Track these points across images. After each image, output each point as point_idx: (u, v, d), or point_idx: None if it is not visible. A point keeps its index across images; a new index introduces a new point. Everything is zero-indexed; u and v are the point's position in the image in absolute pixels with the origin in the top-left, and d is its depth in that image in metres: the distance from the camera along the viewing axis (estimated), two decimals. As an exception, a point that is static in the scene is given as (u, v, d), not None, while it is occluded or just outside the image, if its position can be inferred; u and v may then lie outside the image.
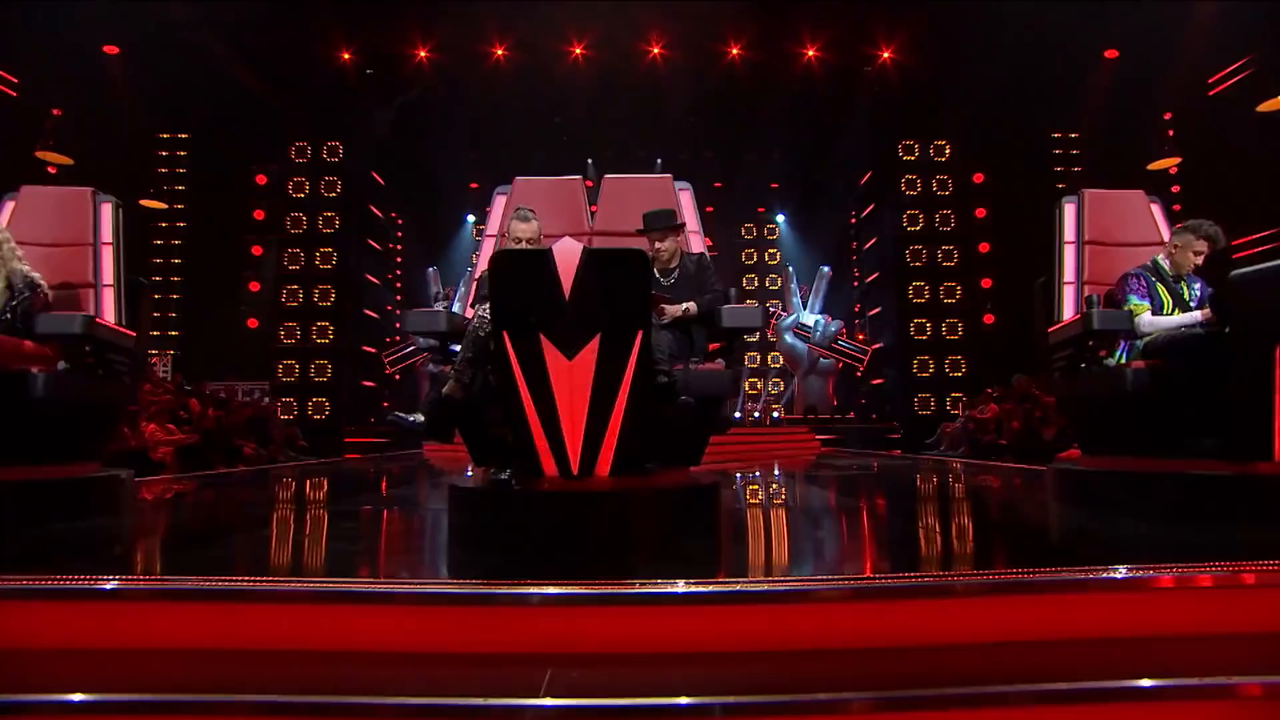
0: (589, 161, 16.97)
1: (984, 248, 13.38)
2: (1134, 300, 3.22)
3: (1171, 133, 11.18)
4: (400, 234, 17.62)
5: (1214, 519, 2.61)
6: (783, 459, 9.04)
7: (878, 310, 14.27)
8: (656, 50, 11.65)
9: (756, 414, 15.08)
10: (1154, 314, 3.19)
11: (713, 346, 3.15)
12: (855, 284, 15.35)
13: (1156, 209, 3.76)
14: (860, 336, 14.93)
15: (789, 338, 14.70)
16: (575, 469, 2.43)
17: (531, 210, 3.19)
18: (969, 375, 12.79)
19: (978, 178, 13.50)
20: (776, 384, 17.08)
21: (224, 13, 11.87)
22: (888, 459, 8.13)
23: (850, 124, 13.41)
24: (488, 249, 3.39)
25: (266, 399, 12.71)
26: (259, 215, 13.76)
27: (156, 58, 11.91)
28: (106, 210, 3.54)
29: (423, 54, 12.04)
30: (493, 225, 3.53)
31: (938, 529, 3.02)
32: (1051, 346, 3.57)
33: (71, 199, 3.54)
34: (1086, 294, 3.48)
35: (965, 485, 4.75)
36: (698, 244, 3.34)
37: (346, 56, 12.14)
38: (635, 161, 16.20)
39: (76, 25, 10.60)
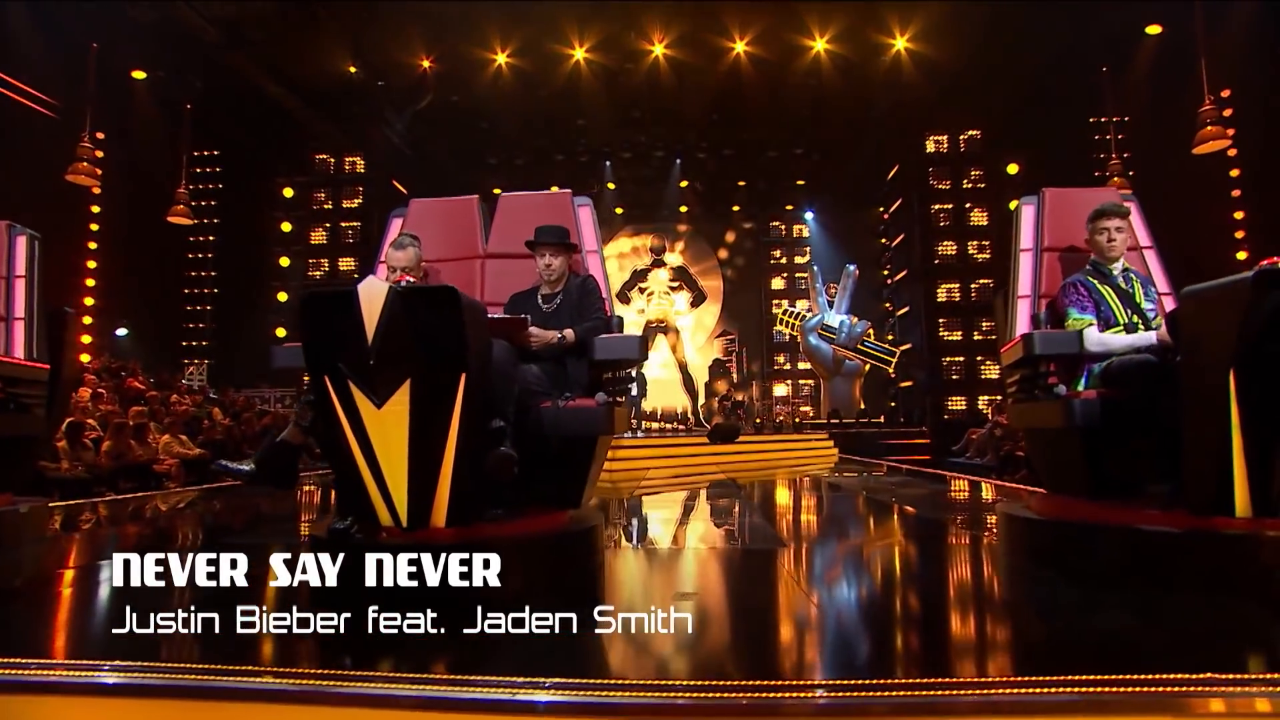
0: (606, 164, 16.92)
1: (1020, 241, 12.54)
2: (1074, 314, 2.78)
3: (1230, 111, 10.21)
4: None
5: (1166, 588, 2.19)
6: (789, 471, 8.63)
7: (906, 309, 13.61)
8: (664, 51, 11.34)
9: (780, 419, 14.62)
10: (1104, 327, 2.77)
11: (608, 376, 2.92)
12: (888, 282, 14.71)
13: (1132, 208, 3.29)
14: (890, 337, 14.28)
15: (814, 339, 14.16)
16: (404, 520, 2.25)
17: (413, 236, 3.02)
18: (1004, 376, 12.04)
19: (1013, 167, 12.67)
20: (805, 386, 16.57)
21: (253, 32, 12.26)
22: (903, 474, 7.63)
23: (875, 116, 12.81)
24: (381, 275, 3.24)
25: (295, 406, 13.07)
26: (286, 227, 14.19)
27: (185, 79, 12.42)
28: (21, 243, 3.55)
29: (427, 63, 12.08)
30: (386, 251, 3.37)
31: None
32: (1005, 369, 3.18)
33: (-18, 233, 3.58)
34: (1043, 308, 3.08)
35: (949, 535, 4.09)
36: (595, 265, 3.09)
37: (354, 69, 12.28)
38: (652, 162, 16.03)
39: (109, 49, 11.09)
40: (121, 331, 13.12)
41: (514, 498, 2.56)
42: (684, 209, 17.94)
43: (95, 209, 12.88)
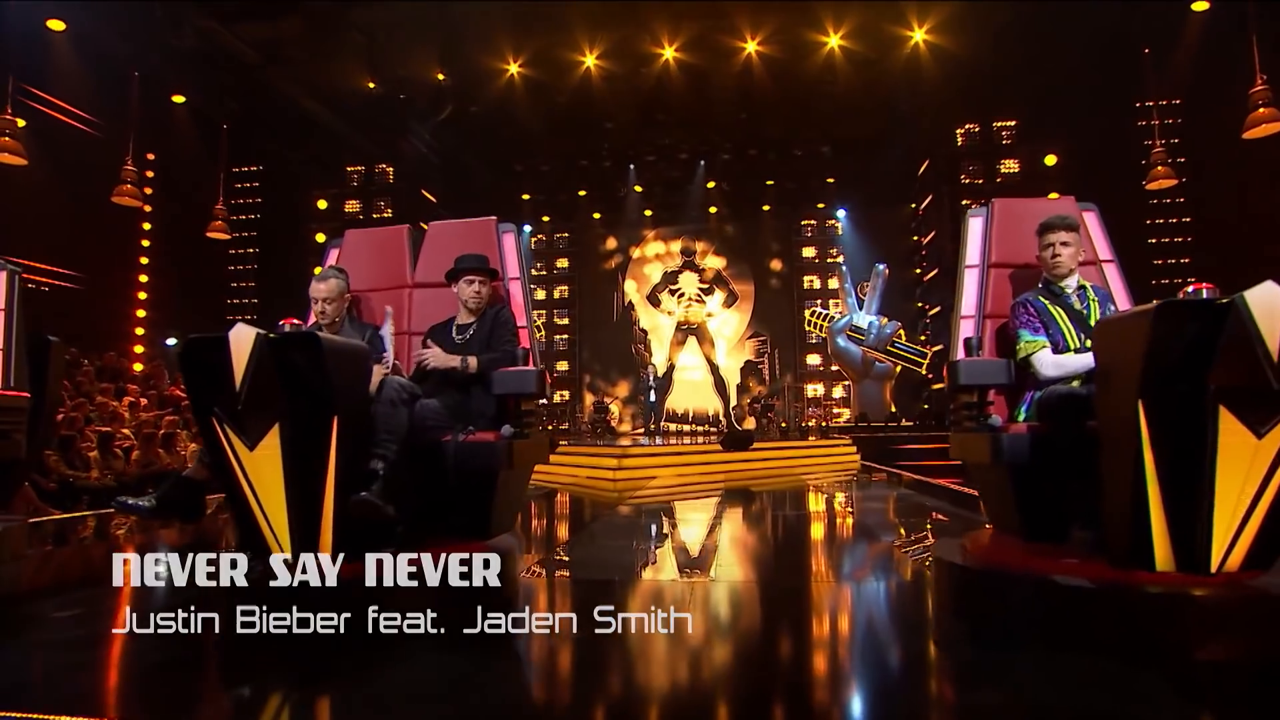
0: (630, 168, 16.88)
1: (1060, 236, 11.88)
2: (1025, 336, 2.57)
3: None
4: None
5: (1078, 653, 1.98)
6: (800, 480, 8.40)
7: (939, 309, 13.10)
8: (674, 55, 11.21)
9: (810, 422, 14.31)
10: (1054, 352, 2.56)
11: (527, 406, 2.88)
12: (922, 280, 14.19)
13: (1092, 219, 3.03)
14: (923, 337, 13.78)
15: (842, 341, 13.79)
16: (290, 560, 2.27)
17: (338, 269, 3.05)
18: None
19: (1051, 158, 12.01)
20: (841, 388, 16.16)
21: (289, 51, 12.75)
22: (904, 486, 7.30)
23: (903, 110, 12.35)
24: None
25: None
26: (320, 238, 14.70)
27: (223, 100, 13.01)
28: (3, 278, 3.77)
29: (441, 76, 12.29)
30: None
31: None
32: (948, 394, 2.99)
33: (-35, 268, 3.80)
34: (987, 330, 2.87)
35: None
36: (517, 291, 3.06)
37: (373, 85, 12.59)
38: (678, 165, 15.91)
39: (150, 75, 11.72)
40: (171, 341, 13.86)
41: (411, 532, 2.56)
42: (713, 209, 17.77)
43: (146, 226, 13.68)
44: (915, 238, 14.18)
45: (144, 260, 13.56)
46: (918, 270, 14.03)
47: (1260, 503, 1.86)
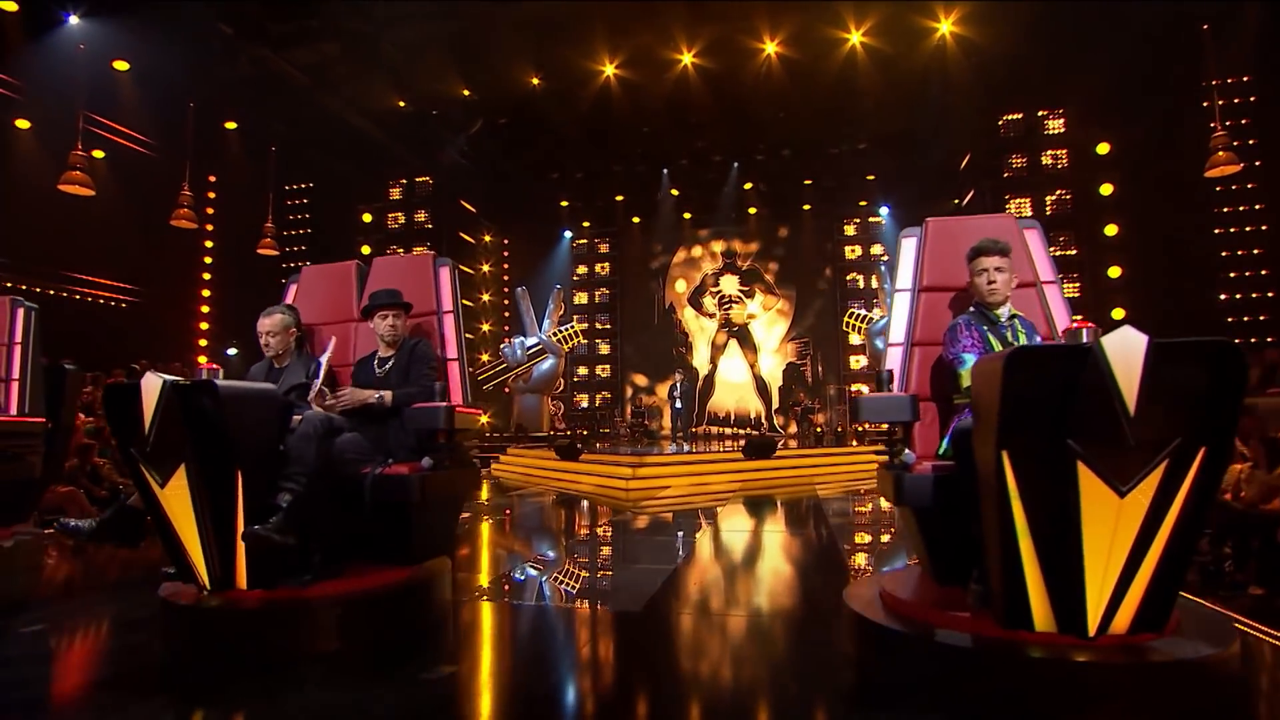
0: (664, 172, 16.84)
1: (1113, 230, 11.14)
2: (970, 361, 2.37)
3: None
4: (505, 254, 18.75)
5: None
6: (824, 488, 8.19)
7: (981, 309, 12.49)
8: (692, 60, 11.12)
9: (842, 427, 13.93)
10: None
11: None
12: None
13: (1033, 238, 2.83)
14: (966, 339, 13.17)
15: (880, 344, 13.31)
16: (208, 584, 2.42)
17: (287, 306, 3.21)
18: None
19: (1103, 147, 11.27)
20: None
21: (334, 71, 13.36)
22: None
23: (941, 102, 11.83)
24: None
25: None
26: (365, 250, 15.35)
27: (272, 123, 13.75)
28: (20, 314, 4.14)
29: (466, 92, 12.57)
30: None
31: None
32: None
33: (-8, 308, 4.20)
34: (915, 359, 2.74)
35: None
36: (450, 325, 3.13)
37: (403, 104, 13.01)
38: (712, 168, 15.77)
39: (204, 103, 12.50)
40: (232, 351, 14.78)
41: (332, 560, 2.68)
42: (752, 210, 17.54)
43: (208, 244, 14.66)
44: (958, 234, 13.55)
45: (206, 276, 14.54)
46: (961, 268, 13.40)
47: (1144, 562, 1.73)
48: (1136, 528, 1.66)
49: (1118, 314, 11.02)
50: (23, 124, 11.40)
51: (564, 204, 18.18)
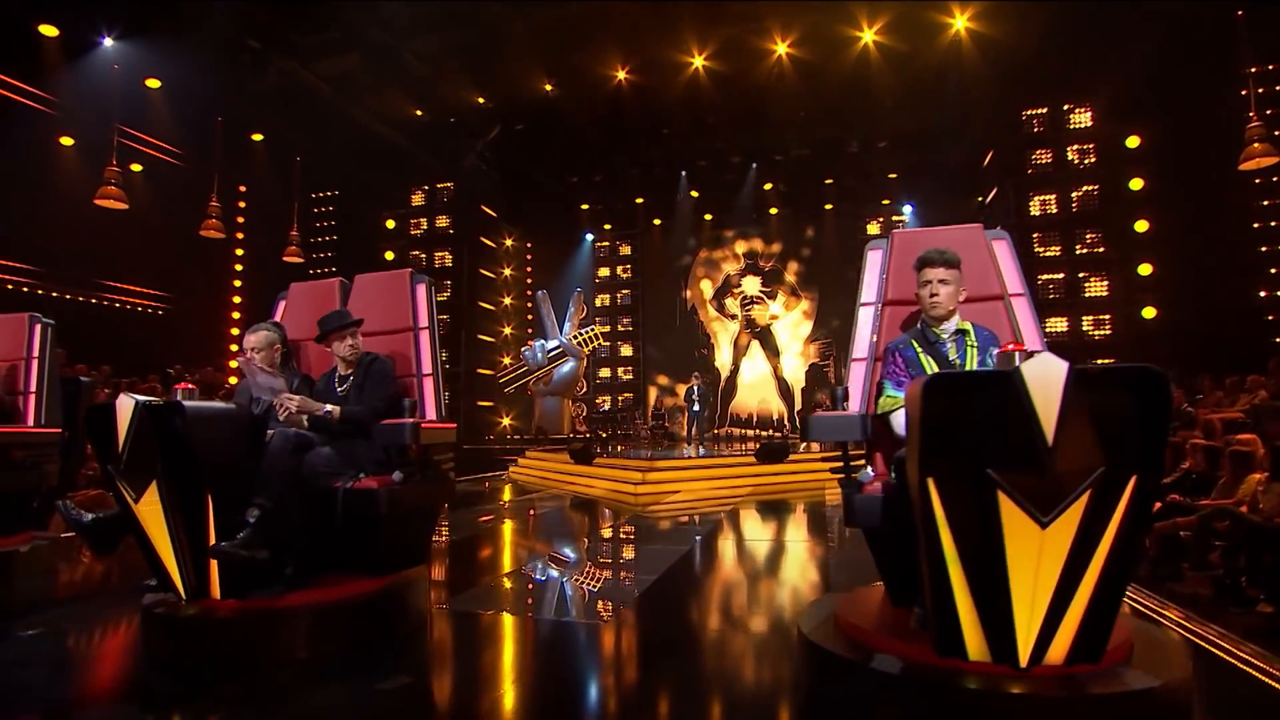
0: (682, 174, 16.81)
1: (1143, 226, 10.76)
2: (888, 390, 2.35)
3: None
4: (528, 258, 18.95)
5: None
6: (818, 497, 8.09)
7: (1006, 309, 12.18)
8: (703, 63, 11.07)
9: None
10: None
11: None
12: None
13: (1002, 249, 2.76)
14: (991, 339, 12.86)
15: (900, 345, 13.08)
16: (184, 593, 2.53)
17: (273, 323, 3.31)
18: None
19: (1133, 140, 10.88)
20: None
21: (358, 81, 13.67)
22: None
23: (963, 96, 11.57)
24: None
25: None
26: (389, 255, 15.68)
27: (297, 134, 14.13)
28: (38, 330, 4.36)
29: (481, 100, 12.72)
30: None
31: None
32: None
33: (12, 322, 4.42)
34: (878, 374, 2.70)
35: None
36: (425, 341, 3.19)
37: (420, 113, 13.23)
38: (730, 168, 15.69)
39: (231, 116, 12.92)
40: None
41: (304, 570, 2.77)
42: (774, 211, 17.40)
43: (239, 252, 15.15)
44: (981, 233, 13.23)
45: (237, 284, 15.03)
46: (985, 267, 13.08)
47: (1078, 592, 1.69)
48: (1063, 558, 1.63)
49: (1149, 313, 10.64)
50: (66, 141, 11.93)
51: (584, 207, 18.29)
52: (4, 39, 10.24)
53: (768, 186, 16.46)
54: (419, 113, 12.98)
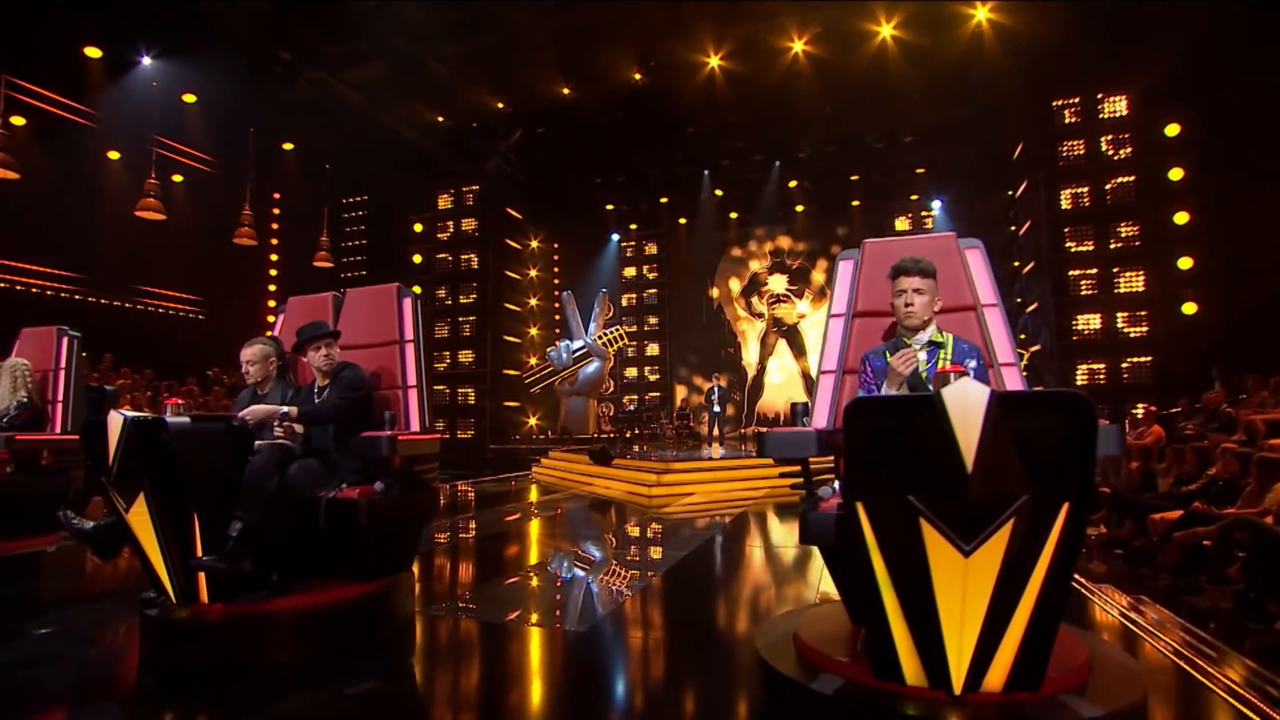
0: (705, 173, 16.73)
1: (1183, 217, 10.31)
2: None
3: None
4: (555, 259, 19.13)
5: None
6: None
7: (1036, 304, 11.84)
8: (719, 63, 11.00)
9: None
10: None
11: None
12: (1021, 273, 12.88)
13: (975, 258, 2.69)
14: (1023, 335, 12.51)
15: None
16: (174, 597, 2.66)
17: (269, 338, 3.44)
18: (1158, 380, 10.01)
19: (1172, 129, 10.43)
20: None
21: (381, 88, 14.00)
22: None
23: (989, 88, 11.26)
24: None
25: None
26: (416, 258, 16.03)
27: (327, 142, 14.54)
28: (64, 343, 4.62)
29: (500, 105, 12.86)
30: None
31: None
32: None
33: (43, 335, 4.69)
34: (846, 387, 2.67)
35: None
36: (410, 353, 3.28)
37: (441, 119, 13.44)
38: (752, 166, 15.57)
39: (263, 127, 13.37)
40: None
41: (289, 576, 2.89)
42: (800, 208, 17.21)
43: (274, 257, 15.69)
44: (1013, 228, 12.86)
45: (272, 288, 15.58)
46: (1015, 263, 12.72)
47: (1012, 620, 1.66)
48: (990, 587, 1.60)
49: (1189, 309, 10.20)
50: (113, 155, 12.52)
51: (610, 208, 18.37)
52: (54, 61, 10.81)
53: (792, 184, 16.29)
54: (440, 119, 13.20)
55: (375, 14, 11.69)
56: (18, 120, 10.80)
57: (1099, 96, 10.71)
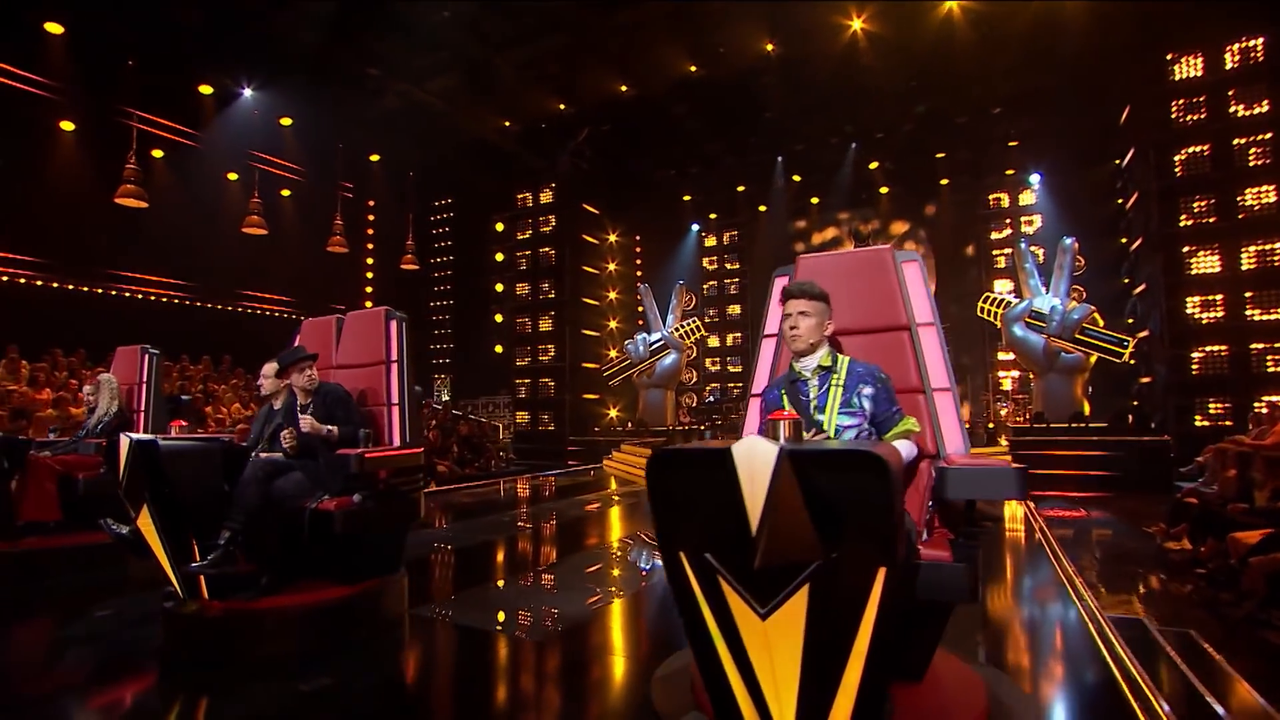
0: (778, 160, 16.20)
1: (1328, 182, 8.83)
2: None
3: None
4: (637, 251, 19.34)
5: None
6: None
7: (1145, 285, 10.60)
8: (771, 49, 10.60)
9: (991, 423, 12.62)
10: None
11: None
12: (1129, 251, 11.57)
13: (912, 273, 2.47)
14: (1130, 320, 11.27)
15: (1018, 330, 11.83)
16: (181, 594, 3.07)
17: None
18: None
19: (1316, 76, 8.93)
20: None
21: (463, 96, 14.70)
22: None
23: (1088, 45, 10.12)
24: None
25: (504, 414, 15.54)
26: (499, 257, 16.74)
27: (410, 151, 15.44)
28: (145, 360, 5.31)
29: (562, 106, 13.04)
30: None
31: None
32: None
33: (130, 354, 5.41)
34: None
35: None
36: (395, 374, 3.52)
37: (507, 124, 13.82)
38: (828, 149, 14.92)
39: (351, 142, 14.43)
40: (418, 388, 17.12)
41: (278, 579, 3.22)
42: (884, 190, 16.32)
43: (369, 260, 16.97)
44: (1120, 200, 11.53)
45: (369, 290, 16.87)
46: (1123, 239, 11.40)
47: (840, 686, 1.60)
48: (798, 650, 1.55)
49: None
50: (232, 176, 14.02)
51: (687, 199, 18.27)
52: (178, 99, 12.30)
53: (873, 165, 15.46)
54: (506, 124, 13.65)
55: (450, 23, 12.27)
56: (157, 153, 12.40)
57: (1224, 46, 9.34)
